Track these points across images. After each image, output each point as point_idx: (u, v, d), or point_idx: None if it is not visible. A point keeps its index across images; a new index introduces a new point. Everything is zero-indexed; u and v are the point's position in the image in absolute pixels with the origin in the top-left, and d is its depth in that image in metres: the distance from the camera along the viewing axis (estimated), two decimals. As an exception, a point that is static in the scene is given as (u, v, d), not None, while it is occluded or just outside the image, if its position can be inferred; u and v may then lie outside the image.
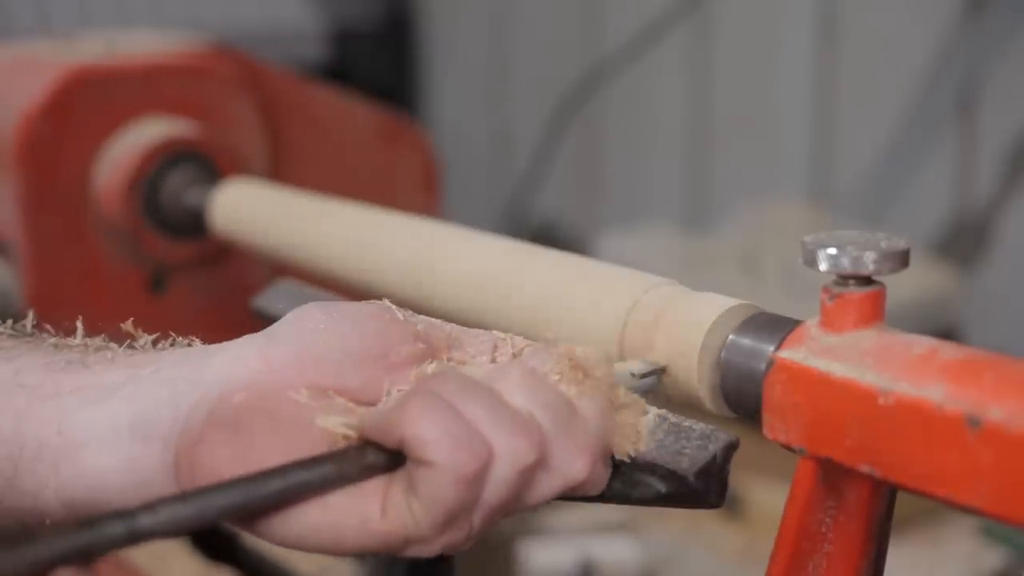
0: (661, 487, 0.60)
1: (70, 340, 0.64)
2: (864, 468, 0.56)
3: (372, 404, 0.59)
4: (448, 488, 0.54)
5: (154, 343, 0.64)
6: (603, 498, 0.63)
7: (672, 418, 0.62)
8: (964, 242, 1.99)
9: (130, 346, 0.64)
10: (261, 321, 0.83)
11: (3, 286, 1.30)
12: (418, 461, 0.54)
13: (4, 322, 0.66)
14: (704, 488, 0.60)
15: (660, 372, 0.67)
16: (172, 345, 0.64)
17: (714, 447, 0.60)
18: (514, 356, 0.62)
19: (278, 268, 1.20)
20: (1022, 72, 1.88)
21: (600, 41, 2.57)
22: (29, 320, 0.66)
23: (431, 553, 0.57)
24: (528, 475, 0.56)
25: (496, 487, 0.55)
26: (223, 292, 1.30)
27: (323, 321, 0.60)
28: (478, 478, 0.55)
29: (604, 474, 0.60)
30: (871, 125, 2.11)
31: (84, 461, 0.58)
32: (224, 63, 1.32)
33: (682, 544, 1.67)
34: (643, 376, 0.66)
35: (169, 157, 1.24)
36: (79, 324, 0.65)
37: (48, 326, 0.66)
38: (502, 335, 0.64)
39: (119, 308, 1.28)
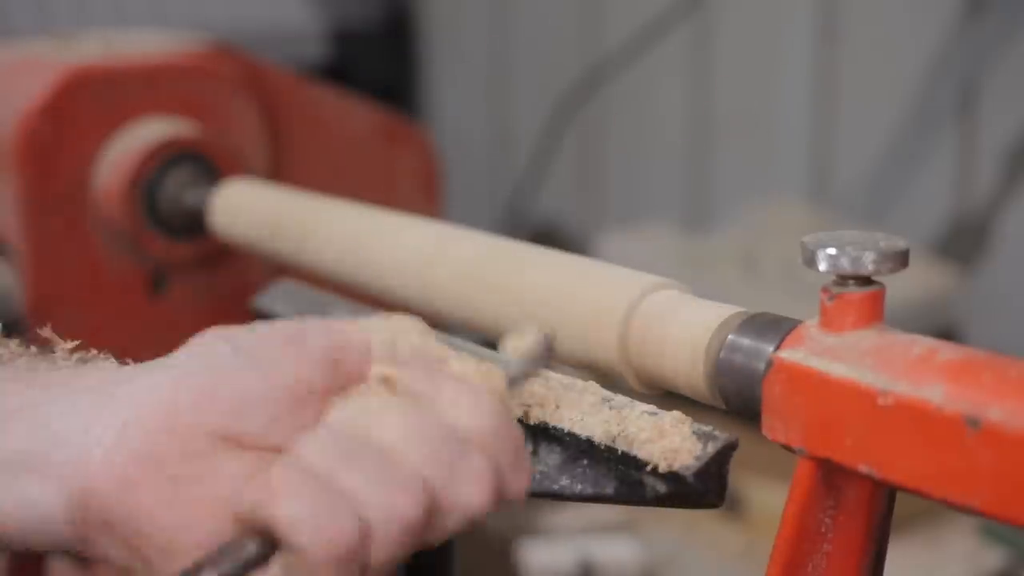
0: (661, 487, 0.60)
1: None
2: (863, 468, 0.56)
3: (276, 451, 0.55)
4: (321, 570, 0.51)
5: (70, 352, 0.62)
6: (603, 499, 0.63)
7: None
8: (964, 242, 1.99)
9: (48, 353, 0.61)
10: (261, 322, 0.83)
11: (3, 286, 1.30)
12: (288, 547, 0.52)
13: (3, 323, 0.65)
14: (704, 488, 0.60)
15: (548, 341, 0.61)
16: (89, 361, 0.61)
17: (714, 447, 0.60)
18: (391, 383, 0.57)
19: (278, 268, 1.20)
20: (1022, 72, 1.88)
21: (600, 41, 2.57)
22: None
23: None
24: (416, 528, 0.53)
25: (382, 548, 0.53)
26: (223, 292, 1.30)
27: (227, 356, 0.56)
28: (352, 552, 0.52)
29: (517, 480, 0.57)
30: (871, 125, 2.11)
31: None
32: (224, 63, 1.32)
33: (682, 544, 1.67)
34: (531, 354, 0.61)
35: (169, 157, 1.24)
36: None
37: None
38: (406, 319, 0.60)
39: (119, 308, 1.28)
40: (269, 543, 0.52)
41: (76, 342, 0.62)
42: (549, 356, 0.62)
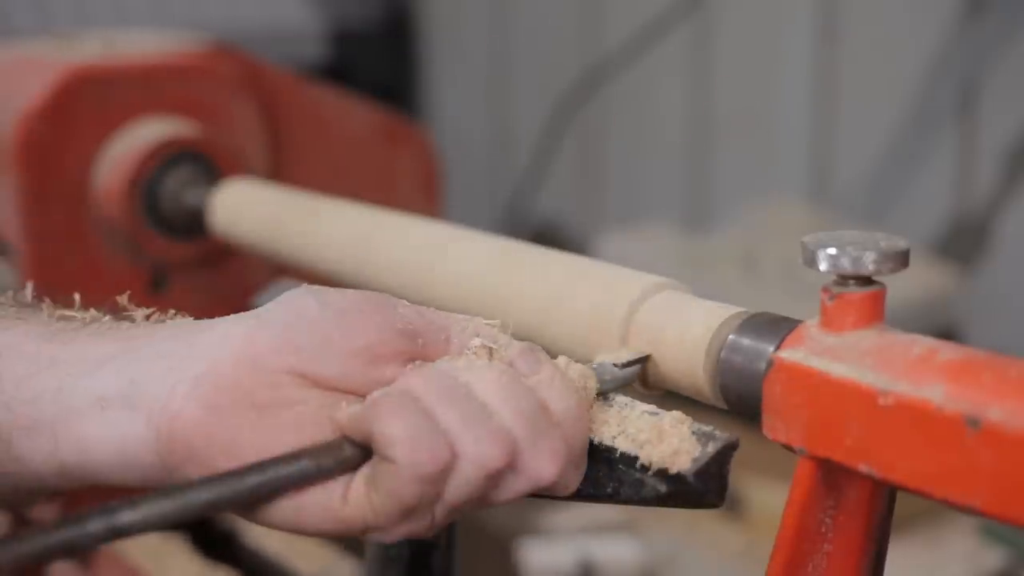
0: (661, 487, 0.60)
1: (67, 311, 0.67)
2: (863, 468, 0.56)
3: (350, 394, 0.60)
4: (406, 486, 0.57)
5: (147, 317, 0.67)
6: (603, 498, 0.63)
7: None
8: (964, 242, 1.99)
9: (126, 319, 0.66)
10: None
11: (3, 286, 1.30)
12: (382, 457, 0.57)
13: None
14: (704, 488, 0.60)
15: (643, 361, 0.67)
16: (167, 320, 0.66)
17: (714, 447, 0.60)
18: (492, 351, 0.62)
19: (278, 268, 1.20)
20: (1022, 72, 1.88)
21: (600, 41, 2.57)
22: (29, 290, 0.70)
23: (391, 540, 0.60)
24: (495, 478, 0.58)
25: (459, 487, 0.58)
26: (223, 292, 1.30)
27: (313, 309, 0.61)
28: (437, 479, 0.57)
29: (575, 477, 0.61)
30: (871, 125, 2.11)
31: (75, 429, 0.60)
32: (224, 63, 1.32)
33: (682, 544, 1.67)
34: (625, 366, 0.66)
35: (169, 157, 1.24)
36: (76, 297, 0.68)
37: (46, 298, 0.68)
38: (487, 323, 0.64)
39: (119, 308, 1.28)
40: (364, 451, 0.58)
41: (151, 309, 0.67)
42: (633, 380, 0.67)
